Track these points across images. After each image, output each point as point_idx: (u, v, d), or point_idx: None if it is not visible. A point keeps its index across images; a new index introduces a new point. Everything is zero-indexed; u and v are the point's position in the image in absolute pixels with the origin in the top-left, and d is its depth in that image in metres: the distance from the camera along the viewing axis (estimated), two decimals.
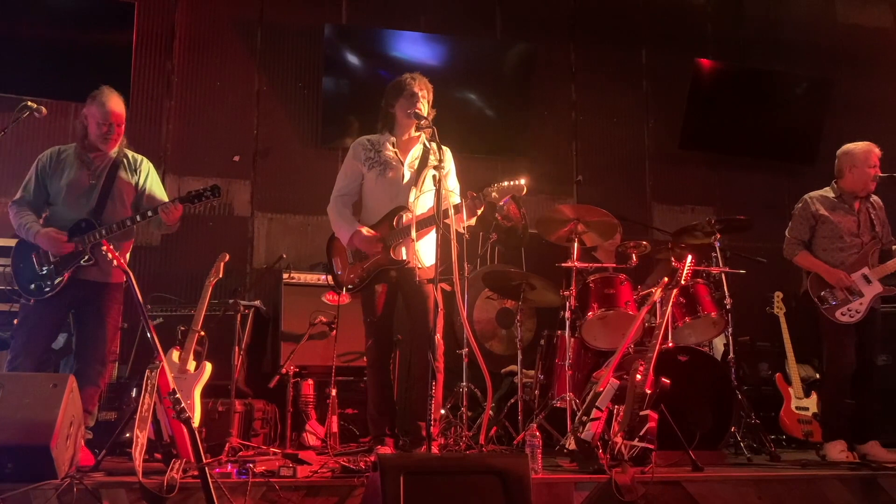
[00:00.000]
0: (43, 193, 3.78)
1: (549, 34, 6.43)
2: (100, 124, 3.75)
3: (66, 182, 3.75)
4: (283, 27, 5.98)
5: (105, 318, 3.73)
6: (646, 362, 3.60)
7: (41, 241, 3.66)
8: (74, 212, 3.73)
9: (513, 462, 2.77)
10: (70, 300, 3.70)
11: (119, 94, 3.84)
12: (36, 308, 3.66)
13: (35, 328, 3.66)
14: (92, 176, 3.79)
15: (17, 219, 3.74)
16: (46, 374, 3.53)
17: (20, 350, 3.63)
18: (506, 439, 4.34)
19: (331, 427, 4.23)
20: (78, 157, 3.80)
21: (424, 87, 3.75)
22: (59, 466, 2.84)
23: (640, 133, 6.53)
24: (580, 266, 4.39)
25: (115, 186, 3.80)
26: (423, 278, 3.57)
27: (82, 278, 3.69)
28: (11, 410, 2.86)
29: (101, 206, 3.76)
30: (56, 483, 2.79)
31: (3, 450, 2.81)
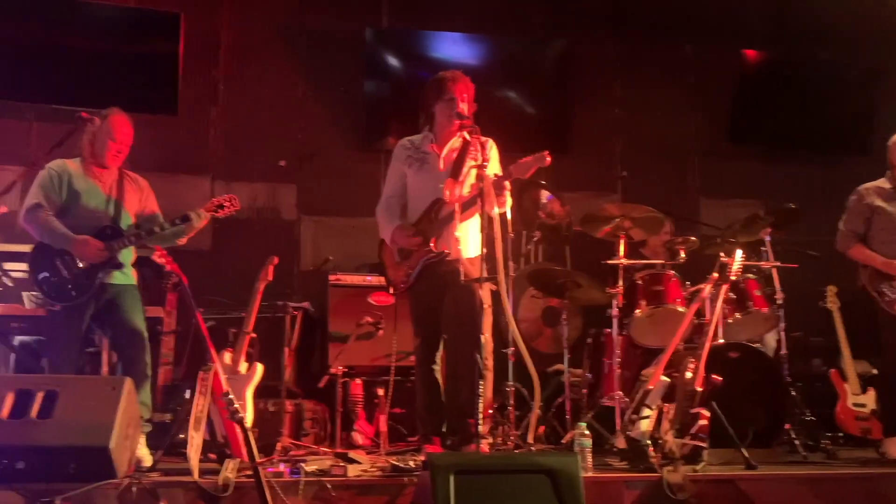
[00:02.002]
0: (56, 202, 3.79)
1: (590, 30, 6.37)
2: (110, 145, 3.82)
3: (80, 191, 3.80)
4: (325, 33, 6.05)
5: (136, 312, 3.81)
6: (696, 359, 3.55)
7: (76, 247, 3.68)
8: (92, 221, 3.78)
9: (563, 460, 2.76)
10: (97, 303, 3.75)
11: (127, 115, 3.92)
12: (65, 314, 3.70)
13: (68, 335, 3.72)
14: (105, 187, 3.87)
15: (40, 224, 3.72)
16: (104, 377, 3.64)
17: (60, 356, 3.70)
18: (554, 438, 4.32)
19: (379, 426, 4.26)
20: (86, 173, 3.86)
21: (464, 89, 3.76)
22: (118, 467, 2.92)
23: (685, 127, 6.44)
24: (627, 263, 4.35)
25: (124, 200, 3.89)
26: (469, 277, 3.57)
27: (107, 282, 3.76)
28: (72, 413, 2.94)
29: (117, 217, 3.84)
30: (116, 483, 2.87)
31: (65, 451, 2.89)
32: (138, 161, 4.25)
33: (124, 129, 3.87)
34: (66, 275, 3.70)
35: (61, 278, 3.70)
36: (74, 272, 3.70)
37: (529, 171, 3.57)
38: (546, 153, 3.53)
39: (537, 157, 3.54)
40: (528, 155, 3.61)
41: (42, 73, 5.45)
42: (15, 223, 5.23)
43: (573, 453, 3.24)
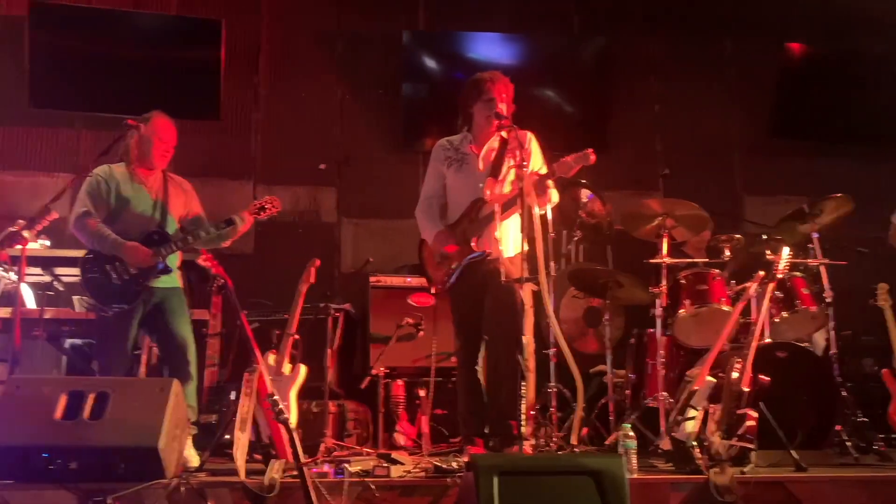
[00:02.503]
0: (104, 209, 3.86)
1: (628, 27, 6.31)
2: (157, 146, 3.89)
3: (128, 196, 3.87)
4: (363, 36, 6.10)
5: (180, 317, 3.87)
6: (742, 359, 3.49)
7: (126, 253, 3.75)
8: (139, 227, 3.85)
9: (608, 462, 2.73)
10: (145, 307, 3.82)
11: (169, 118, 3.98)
12: (116, 320, 3.77)
13: (118, 339, 3.78)
14: (151, 191, 3.94)
15: (89, 231, 3.79)
16: (153, 379, 3.71)
17: (109, 364, 3.77)
18: (597, 440, 4.29)
19: (421, 427, 4.27)
20: (131, 178, 3.92)
21: (503, 89, 3.75)
22: (166, 467, 2.97)
23: (727, 123, 6.33)
24: (670, 262, 4.29)
25: (170, 204, 3.96)
26: (510, 278, 3.56)
27: (155, 286, 3.83)
28: (122, 414, 3.01)
29: (163, 221, 3.91)
30: (165, 483, 2.93)
31: (115, 451, 2.96)
32: (182, 166, 4.35)
33: (168, 130, 3.94)
34: (116, 281, 3.78)
35: (112, 284, 3.78)
36: (124, 278, 3.78)
37: (573, 169, 3.55)
38: (590, 151, 3.51)
39: (581, 156, 3.52)
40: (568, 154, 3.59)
41: (89, 82, 5.60)
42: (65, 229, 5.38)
43: (618, 455, 3.21)
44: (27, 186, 5.60)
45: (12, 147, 5.64)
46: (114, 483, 2.88)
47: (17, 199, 5.55)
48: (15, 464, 2.94)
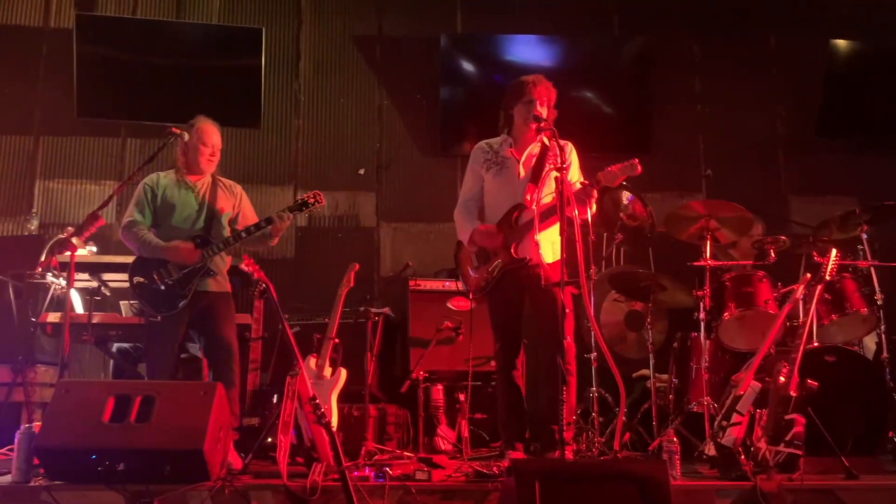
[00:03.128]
0: (152, 216, 3.97)
1: (669, 26, 6.23)
2: (203, 151, 3.98)
3: (174, 203, 3.96)
4: (401, 41, 6.14)
5: (226, 322, 3.93)
6: (789, 363, 3.41)
7: (170, 254, 3.83)
8: (185, 231, 3.93)
9: (651, 468, 2.69)
10: (192, 312, 3.88)
11: (215, 123, 4.07)
12: (163, 325, 3.84)
13: (165, 343, 3.86)
14: (197, 197, 4.01)
15: (135, 237, 3.89)
16: (198, 383, 3.76)
17: (156, 366, 3.85)
18: (640, 445, 4.23)
19: (461, 431, 4.26)
20: (179, 184, 4.01)
21: (545, 93, 3.73)
22: (211, 469, 3.01)
23: (771, 122, 6.21)
24: (714, 264, 4.22)
25: (217, 207, 4.02)
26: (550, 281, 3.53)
27: (201, 290, 3.89)
28: (167, 417, 3.05)
29: (208, 227, 3.97)
30: (209, 485, 2.97)
31: (161, 453, 3.00)
32: (224, 173, 4.42)
33: (213, 135, 4.03)
34: (162, 286, 3.86)
35: (158, 289, 3.86)
36: (168, 283, 3.85)
37: (618, 179, 3.51)
38: (636, 161, 3.48)
39: (627, 166, 3.49)
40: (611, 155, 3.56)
41: (133, 91, 5.72)
42: (112, 235, 5.52)
43: (661, 460, 3.16)
44: (75, 194, 5.74)
45: (60, 156, 5.79)
46: (159, 485, 2.93)
47: (65, 206, 5.71)
48: (65, 465, 3.01)
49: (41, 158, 5.76)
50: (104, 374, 4.87)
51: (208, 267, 3.89)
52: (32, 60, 5.81)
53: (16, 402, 4.55)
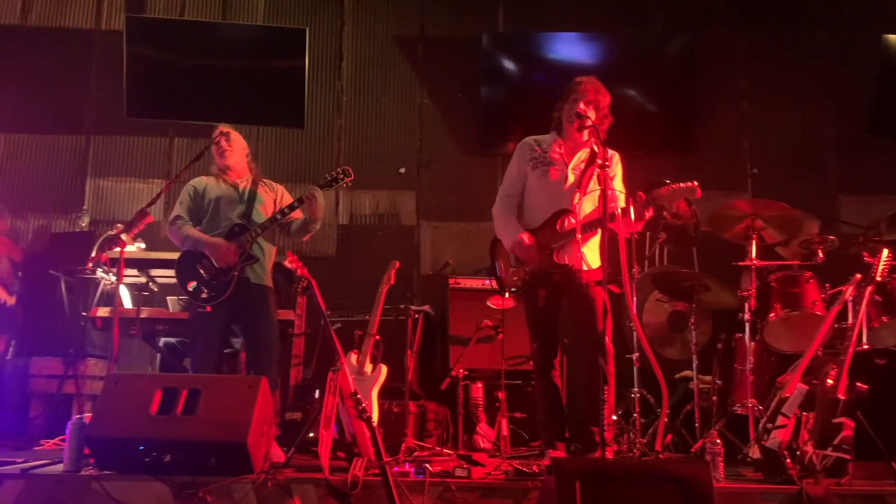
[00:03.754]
0: (195, 213, 4.09)
1: (714, 22, 6.13)
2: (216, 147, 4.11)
3: (214, 197, 4.07)
4: (442, 41, 6.15)
5: (267, 317, 3.99)
6: (838, 366, 3.33)
7: (210, 250, 3.93)
8: (225, 221, 4.03)
9: (694, 469, 2.65)
10: (236, 303, 3.94)
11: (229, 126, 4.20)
12: (207, 317, 3.92)
13: (210, 334, 3.94)
14: (237, 191, 4.12)
15: (180, 233, 4.02)
16: (242, 377, 3.82)
17: (201, 357, 3.92)
18: (682, 447, 4.18)
19: (501, 430, 4.26)
20: (221, 183, 4.13)
21: (591, 93, 3.66)
22: (254, 462, 3.06)
23: (820, 120, 6.06)
24: (759, 264, 4.15)
25: (257, 199, 4.12)
26: (591, 280, 3.50)
27: (244, 277, 3.97)
28: (212, 410, 3.11)
29: (248, 214, 4.06)
30: (252, 478, 3.02)
31: (206, 445, 3.06)
32: (267, 173, 4.51)
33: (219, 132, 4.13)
34: (205, 276, 3.95)
35: (202, 280, 3.96)
36: (212, 272, 3.95)
37: (676, 200, 3.44)
38: (695, 184, 3.40)
39: (686, 189, 3.42)
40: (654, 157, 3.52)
41: (181, 91, 5.84)
42: (159, 232, 5.65)
43: (704, 462, 3.11)
44: (124, 192, 5.89)
45: (110, 154, 5.95)
46: (204, 476, 2.99)
47: (114, 203, 5.86)
48: (114, 455, 3.09)
49: (92, 157, 5.92)
50: (151, 368, 4.98)
51: (249, 253, 3.96)
52: (84, 62, 5.98)
53: (67, 393, 4.69)
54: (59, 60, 5.95)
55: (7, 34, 5.94)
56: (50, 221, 5.79)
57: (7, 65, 5.88)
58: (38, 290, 5.22)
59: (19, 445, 4.14)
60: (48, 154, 5.90)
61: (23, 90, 5.88)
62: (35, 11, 6.03)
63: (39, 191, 5.83)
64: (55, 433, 4.22)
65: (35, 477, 3.06)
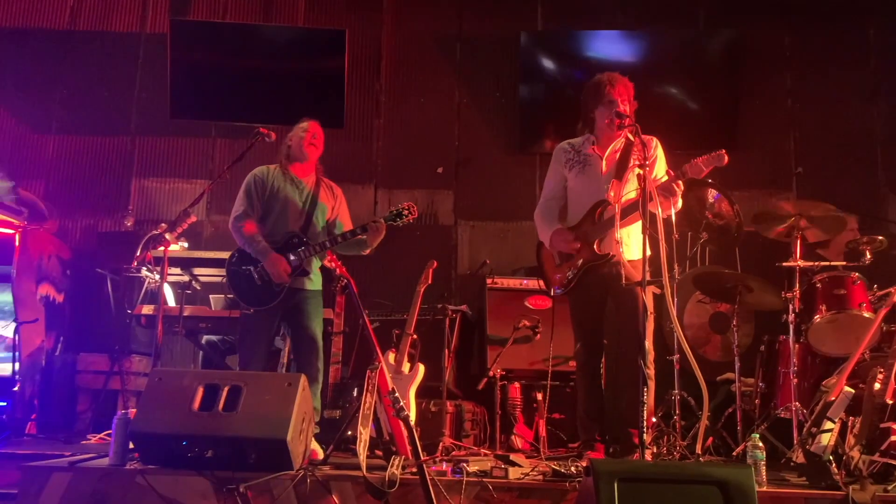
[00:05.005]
0: (259, 207, 4.10)
1: (759, 18, 6.01)
2: (303, 136, 4.14)
3: (280, 199, 4.08)
4: (480, 40, 6.15)
5: (315, 318, 4.03)
6: (886, 369, 3.25)
7: (268, 263, 3.94)
8: (286, 226, 4.05)
9: (736, 472, 2.61)
10: (284, 307, 4.00)
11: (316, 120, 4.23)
12: (257, 317, 3.98)
13: (258, 336, 3.99)
14: (301, 194, 4.13)
15: (243, 234, 4.03)
16: (282, 374, 3.87)
17: (249, 358, 3.98)
18: (723, 450, 4.11)
19: (539, 430, 4.24)
20: (286, 178, 4.13)
21: (623, 91, 3.69)
22: (294, 459, 3.09)
23: (868, 117, 5.91)
24: (804, 265, 4.06)
25: (319, 204, 4.14)
26: (631, 280, 3.48)
27: (295, 287, 4.00)
28: (253, 407, 3.15)
29: (307, 225, 4.09)
30: (292, 474, 3.05)
31: (247, 441, 3.10)
32: None
33: (314, 125, 4.21)
34: (258, 282, 3.99)
35: (254, 285, 3.99)
36: (265, 279, 3.98)
37: (705, 170, 3.44)
38: (723, 152, 3.41)
39: (714, 157, 3.42)
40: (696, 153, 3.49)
41: (223, 93, 5.94)
42: (202, 231, 5.74)
43: (747, 465, 3.06)
44: (168, 192, 6.01)
45: (154, 155, 6.07)
46: (245, 472, 3.03)
47: (158, 203, 5.97)
48: (158, 450, 3.15)
49: (137, 158, 6.05)
50: (194, 365, 5.07)
51: (303, 267, 3.99)
52: (130, 65, 6.11)
53: (113, 389, 4.80)
54: (105, 64, 6.09)
55: (57, 39, 6.10)
56: (96, 221, 5.93)
57: (57, 69, 6.04)
58: (85, 288, 5.35)
59: (67, 439, 4.26)
60: (95, 155, 6.04)
61: (71, 93, 6.04)
62: (83, 16, 6.18)
63: (86, 191, 5.98)
64: (101, 428, 4.33)
65: (82, 470, 3.14)
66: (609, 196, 3.62)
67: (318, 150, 4.19)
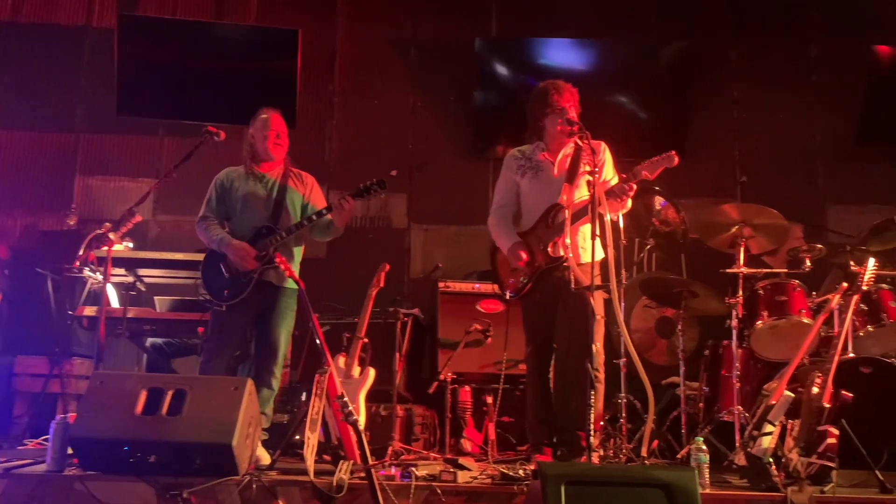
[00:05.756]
0: (223, 209, 4.04)
1: (709, 31, 6.16)
2: (266, 135, 4.03)
3: (242, 194, 4.01)
4: (436, 44, 6.15)
5: (281, 324, 3.94)
6: (824, 374, 3.35)
7: (231, 252, 3.87)
8: (253, 221, 3.96)
9: (680, 475, 2.66)
10: (255, 304, 3.90)
11: (278, 110, 4.12)
12: (227, 313, 3.89)
13: (226, 333, 3.91)
14: (266, 188, 4.04)
15: (206, 233, 3.97)
16: (228, 378, 3.80)
17: (213, 354, 3.90)
18: (668, 453, 4.19)
19: (488, 434, 4.26)
20: (250, 174, 4.05)
21: (570, 98, 3.76)
22: (239, 464, 3.05)
23: (811, 129, 6.09)
24: (747, 272, 4.17)
25: (287, 196, 4.04)
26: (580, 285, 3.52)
27: (265, 279, 3.91)
28: (198, 410, 3.10)
29: (276, 215, 3.99)
30: (237, 479, 3.01)
31: (191, 446, 3.05)
32: None
33: (277, 121, 4.09)
34: (226, 276, 3.90)
35: (223, 279, 3.91)
36: (233, 272, 3.90)
37: (656, 171, 3.51)
38: (673, 153, 3.49)
39: (665, 158, 3.51)
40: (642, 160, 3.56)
41: (172, 91, 5.83)
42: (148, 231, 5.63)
43: (690, 468, 3.12)
44: (113, 190, 5.86)
45: (99, 152, 5.92)
46: (190, 477, 2.97)
47: (103, 202, 5.83)
48: (98, 456, 3.07)
49: (81, 155, 5.89)
50: (138, 369, 4.95)
51: (270, 257, 3.87)
52: (75, 59, 5.95)
53: (52, 392, 4.66)
54: (49, 57, 5.92)
55: None
56: (38, 219, 5.75)
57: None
58: (24, 289, 5.18)
59: (2, 444, 4.12)
60: (37, 151, 5.87)
61: (13, 86, 5.85)
62: (26, 7, 5.99)
63: (28, 188, 5.80)
64: (39, 433, 4.19)
65: (17, 476, 3.05)
66: (562, 200, 3.66)
67: (284, 149, 4.10)
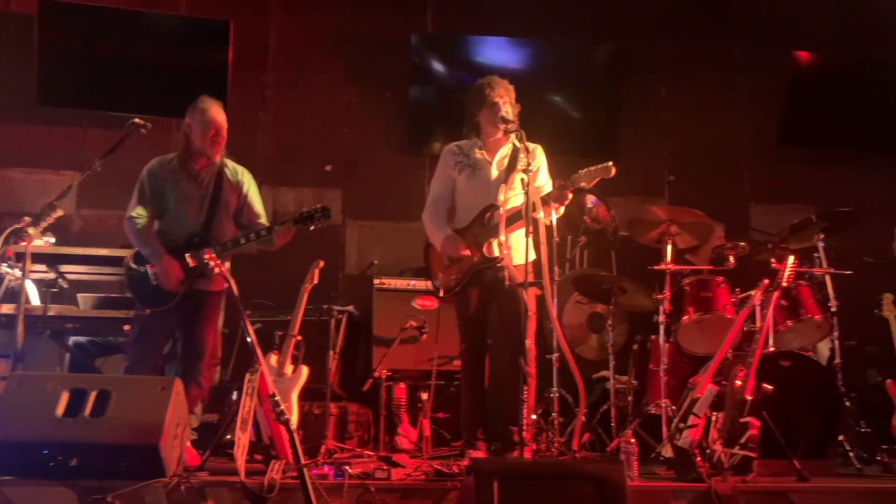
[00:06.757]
0: (153, 205, 3.84)
1: (639, 33, 6.30)
2: (205, 131, 3.79)
3: (177, 196, 3.82)
4: (372, 39, 6.11)
5: (209, 324, 3.85)
6: (746, 367, 3.47)
7: (159, 269, 3.70)
8: (185, 225, 3.80)
9: (609, 468, 2.73)
10: (181, 309, 3.77)
11: (218, 102, 3.92)
12: (151, 318, 3.76)
13: (151, 337, 3.79)
14: (200, 188, 3.86)
15: (137, 237, 3.78)
16: (155, 378, 3.69)
17: (137, 358, 3.76)
18: (599, 446, 4.28)
19: (423, 430, 4.27)
20: (183, 169, 3.85)
21: (505, 93, 3.77)
22: (167, 465, 2.96)
23: (735, 130, 6.31)
24: (674, 269, 4.28)
25: (222, 198, 3.87)
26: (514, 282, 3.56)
27: (194, 288, 3.78)
28: (123, 411, 3.00)
29: (210, 219, 3.83)
30: (165, 481, 2.92)
31: (116, 448, 2.95)
32: None
33: (218, 113, 3.84)
34: (153, 282, 3.74)
35: (150, 285, 3.74)
36: None
37: (593, 181, 3.55)
38: (611, 164, 3.52)
39: (602, 169, 3.52)
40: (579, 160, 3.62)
41: (97, 80, 5.63)
42: (70, 226, 5.42)
43: (619, 461, 3.19)
44: (33, 183, 5.62)
45: (19, 144, 5.67)
46: (114, 481, 2.88)
47: (23, 195, 5.58)
48: (16, 460, 2.94)
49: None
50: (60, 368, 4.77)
51: (202, 270, 3.71)
52: None
53: None
54: None
55: None
56: None
57: None
58: None
59: None
60: None
61: None
62: None
63: None
64: None
65: None
66: (499, 200, 3.67)
67: (222, 146, 3.88)
